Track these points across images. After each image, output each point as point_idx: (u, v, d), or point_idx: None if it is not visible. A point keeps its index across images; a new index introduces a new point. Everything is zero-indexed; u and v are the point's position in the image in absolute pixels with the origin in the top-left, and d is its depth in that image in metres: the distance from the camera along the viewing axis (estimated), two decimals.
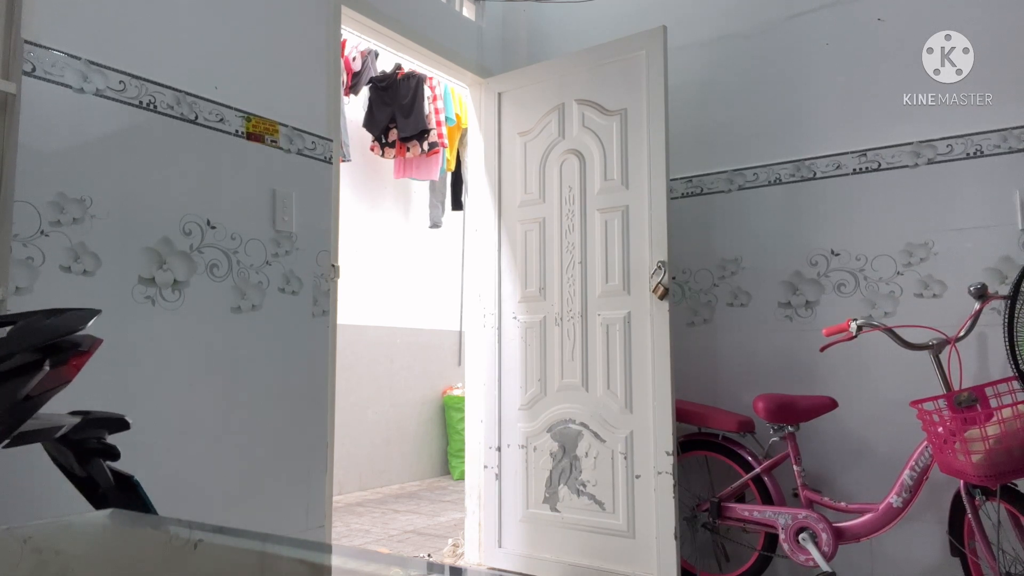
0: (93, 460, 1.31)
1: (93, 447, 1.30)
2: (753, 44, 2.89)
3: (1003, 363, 2.17)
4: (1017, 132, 2.39)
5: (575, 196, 2.92)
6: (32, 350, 1.14)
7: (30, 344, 1.15)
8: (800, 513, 2.39)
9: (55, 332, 1.20)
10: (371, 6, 2.72)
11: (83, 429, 1.27)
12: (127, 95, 1.94)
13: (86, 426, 1.28)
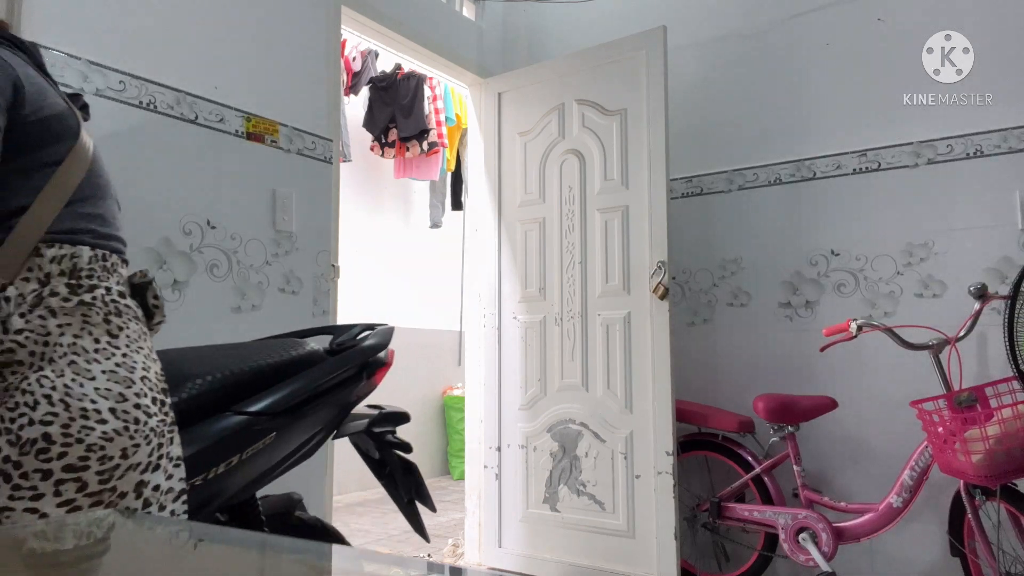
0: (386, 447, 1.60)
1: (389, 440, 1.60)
2: (753, 44, 2.89)
3: (1003, 363, 2.17)
4: (1017, 132, 2.39)
5: (575, 196, 2.92)
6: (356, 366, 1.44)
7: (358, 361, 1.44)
8: (800, 513, 2.39)
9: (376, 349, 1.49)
10: (371, 6, 2.72)
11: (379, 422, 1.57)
12: (127, 95, 1.94)
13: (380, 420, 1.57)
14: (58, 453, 0.88)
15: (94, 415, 0.91)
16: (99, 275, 1.00)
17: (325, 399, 1.39)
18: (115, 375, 0.94)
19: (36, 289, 0.93)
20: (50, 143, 0.98)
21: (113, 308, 0.99)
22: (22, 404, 0.88)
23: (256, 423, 1.26)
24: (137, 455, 0.94)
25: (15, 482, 0.86)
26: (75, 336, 0.94)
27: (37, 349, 0.91)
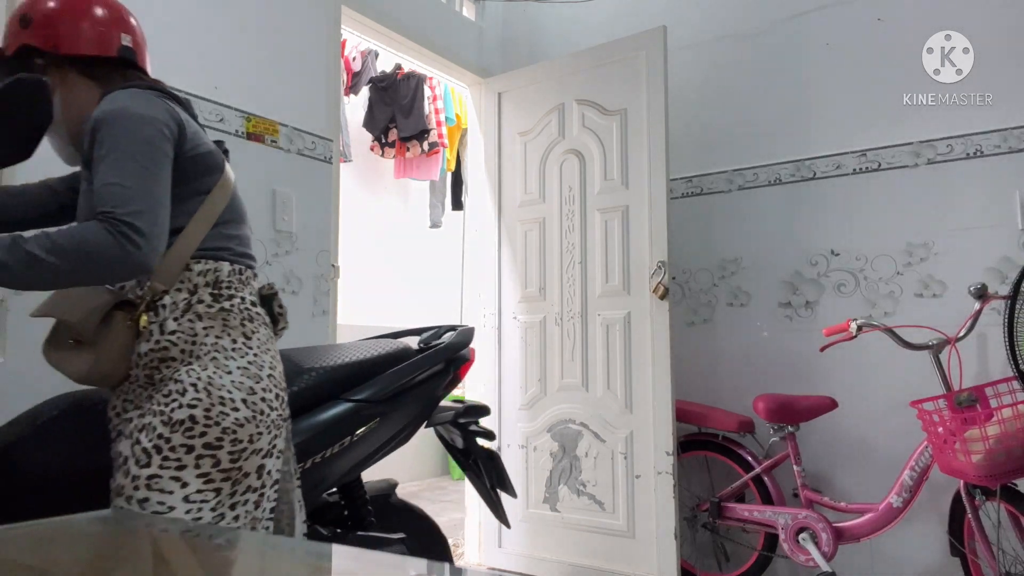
0: (471, 437, 1.74)
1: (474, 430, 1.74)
2: (753, 44, 2.89)
3: (1003, 363, 2.17)
4: (1017, 132, 2.39)
5: (575, 196, 2.92)
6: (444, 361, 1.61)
7: (445, 357, 1.61)
8: (800, 513, 2.39)
9: (460, 347, 1.66)
10: (371, 6, 2.72)
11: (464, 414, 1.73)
12: None
13: (465, 411, 1.74)
14: (200, 432, 1.05)
15: (229, 403, 1.08)
16: (236, 286, 1.18)
17: (418, 390, 1.56)
18: (247, 371, 1.12)
19: (186, 298, 1.12)
20: (202, 175, 1.17)
21: (247, 314, 1.17)
22: (174, 392, 1.07)
23: (363, 409, 1.45)
24: (260, 442, 1.11)
25: (164, 454, 1.04)
26: (216, 337, 1.12)
27: (186, 347, 1.10)
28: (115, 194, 1.03)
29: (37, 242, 0.99)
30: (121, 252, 1.00)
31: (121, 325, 1.09)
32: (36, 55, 1.18)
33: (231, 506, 1.08)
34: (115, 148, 1.05)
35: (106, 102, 1.11)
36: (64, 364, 1.09)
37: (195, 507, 1.04)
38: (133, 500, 1.04)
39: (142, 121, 1.08)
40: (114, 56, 1.21)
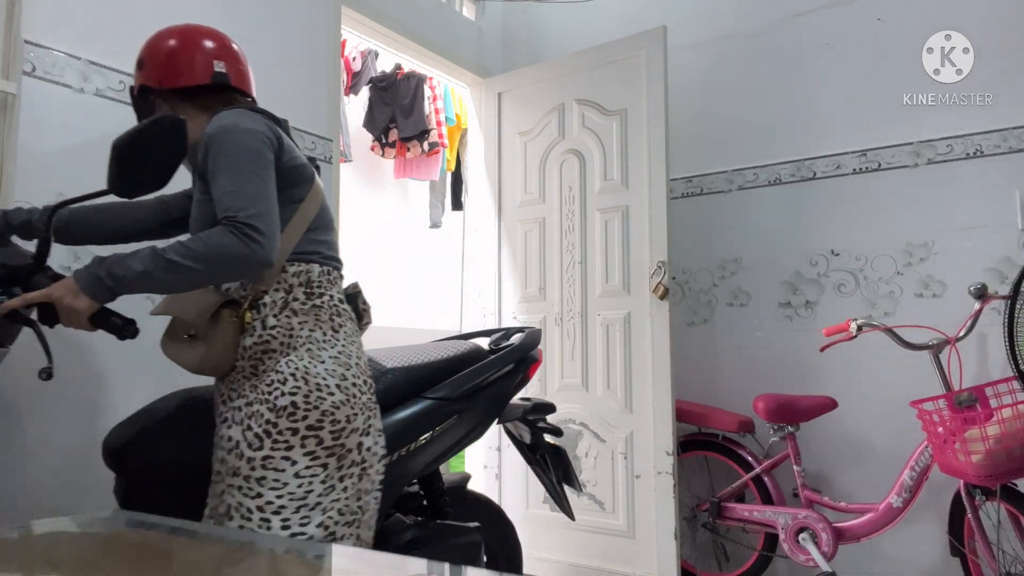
0: (539, 433, 1.85)
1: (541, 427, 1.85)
2: (753, 44, 2.89)
3: (1003, 363, 2.17)
4: (1017, 132, 2.39)
5: (575, 196, 2.92)
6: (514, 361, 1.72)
7: (516, 357, 1.73)
8: (800, 513, 2.39)
9: (529, 348, 1.78)
10: (371, 6, 2.71)
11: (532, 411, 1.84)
12: (127, 95, 1.94)
13: (533, 409, 1.84)
14: (302, 416, 1.18)
15: (325, 388, 1.21)
16: (325, 286, 1.31)
17: (491, 389, 1.68)
18: (338, 360, 1.25)
19: (283, 296, 1.25)
20: (295, 185, 1.29)
21: (335, 310, 1.30)
22: (276, 381, 1.20)
23: (443, 406, 1.58)
24: (356, 421, 1.24)
25: (274, 437, 1.17)
26: (310, 330, 1.25)
27: (285, 340, 1.23)
28: (234, 200, 1.15)
29: (174, 250, 1.12)
30: (247, 250, 1.12)
31: (228, 321, 1.22)
32: (150, 92, 1.36)
33: (339, 479, 1.21)
34: (227, 159, 1.19)
35: (214, 121, 1.25)
36: (179, 356, 1.24)
37: (305, 481, 1.17)
38: (252, 479, 1.16)
39: (247, 134, 1.22)
40: (209, 83, 1.36)
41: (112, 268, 1.13)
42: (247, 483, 1.17)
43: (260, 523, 1.14)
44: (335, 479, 1.21)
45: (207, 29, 1.44)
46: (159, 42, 1.39)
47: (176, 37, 1.41)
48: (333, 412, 1.21)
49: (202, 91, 1.36)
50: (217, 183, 1.18)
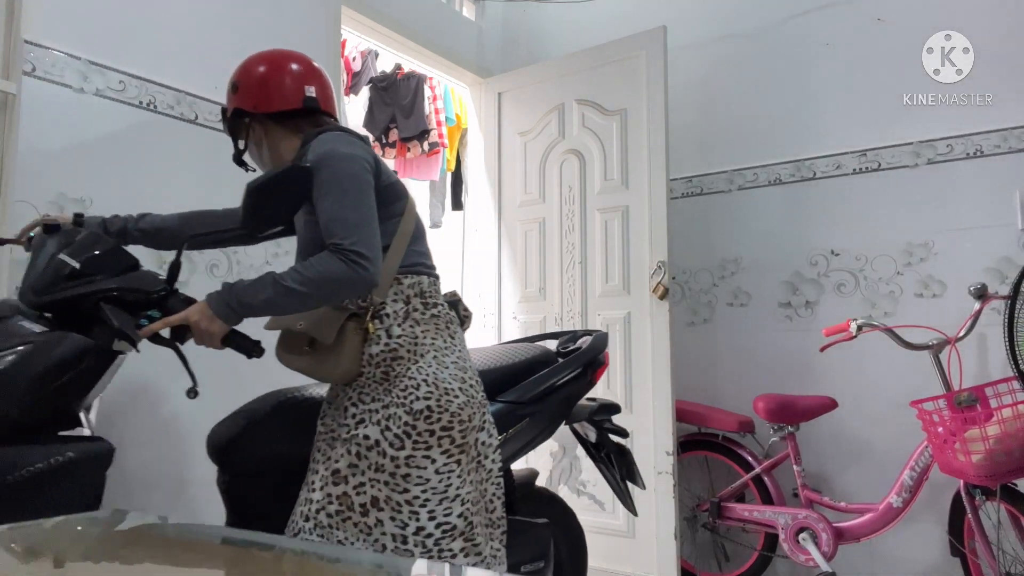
0: (604, 433, 1.90)
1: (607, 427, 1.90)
2: (753, 44, 2.89)
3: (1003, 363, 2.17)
4: (1017, 132, 2.39)
5: (575, 196, 2.92)
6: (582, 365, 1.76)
7: (583, 361, 1.77)
8: (800, 513, 2.38)
9: (597, 352, 1.83)
10: (371, 6, 2.71)
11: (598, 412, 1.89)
12: (127, 95, 1.94)
13: (599, 409, 1.90)
14: (436, 418, 1.29)
15: (452, 392, 1.32)
16: (434, 295, 1.41)
17: (560, 392, 1.73)
18: (458, 364, 1.37)
19: (403, 307, 1.35)
20: (394, 201, 1.38)
21: (448, 318, 1.42)
22: (409, 387, 1.30)
23: (515, 409, 1.65)
24: (476, 420, 1.36)
25: (413, 438, 1.28)
26: (432, 338, 1.36)
27: (411, 347, 1.33)
28: (339, 227, 1.24)
29: (291, 278, 1.23)
30: (354, 274, 1.22)
31: (353, 333, 1.31)
32: (244, 115, 1.45)
33: (468, 472, 1.33)
34: (331, 185, 1.27)
35: (315, 147, 1.33)
36: (310, 368, 1.33)
37: (444, 476, 1.29)
38: (398, 476, 1.28)
39: (348, 159, 1.30)
40: (300, 107, 1.42)
41: (240, 296, 1.24)
42: (393, 479, 1.28)
43: (409, 515, 1.27)
44: (466, 473, 1.33)
45: (297, 55, 1.49)
46: (253, 68, 1.46)
47: (269, 63, 1.46)
48: (460, 412, 1.32)
49: (293, 115, 1.43)
50: (322, 208, 1.27)
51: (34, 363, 1.20)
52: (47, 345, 1.23)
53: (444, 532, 1.28)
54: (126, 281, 1.30)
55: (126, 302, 1.28)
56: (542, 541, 1.67)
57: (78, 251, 1.32)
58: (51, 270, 1.31)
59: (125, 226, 1.54)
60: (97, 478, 1.28)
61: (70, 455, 1.22)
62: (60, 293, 1.28)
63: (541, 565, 1.64)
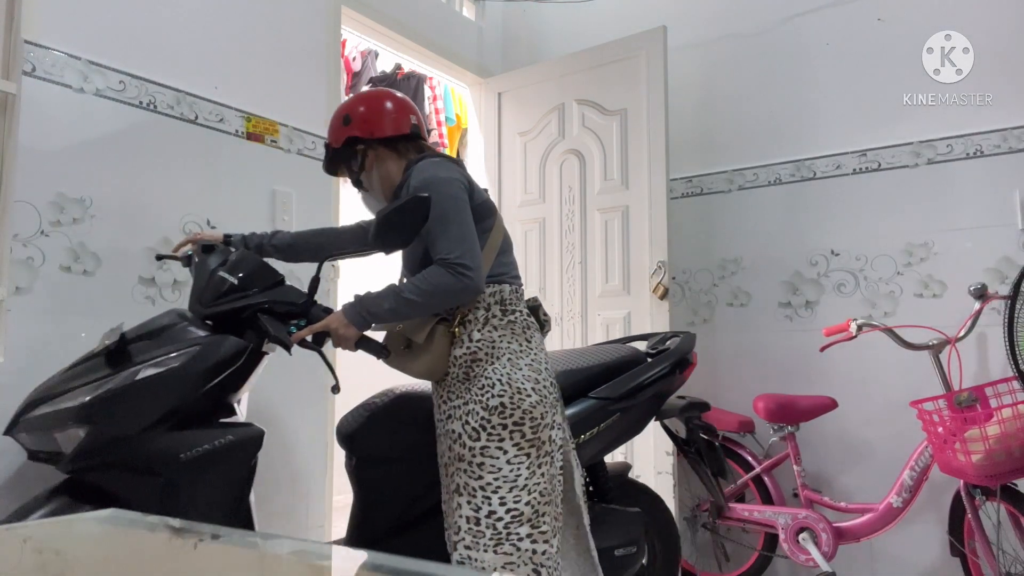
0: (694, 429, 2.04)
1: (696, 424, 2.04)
2: (753, 44, 2.89)
3: (1003, 363, 2.17)
4: (1017, 132, 2.39)
5: (575, 196, 2.92)
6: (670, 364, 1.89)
7: (672, 360, 1.89)
8: (800, 513, 2.39)
9: (685, 352, 1.94)
10: (371, 6, 2.72)
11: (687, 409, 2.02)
12: (127, 95, 1.94)
13: (688, 407, 2.02)
14: (509, 414, 1.44)
15: (524, 391, 1.45)
16: (515, 302, 1.55)
17: (650, 389, 1.85)
18: (532, 366, 1.50)
19: (484, 314, 1.50)
20: (484, 218, 1.54)
21: (526, 324, 1.55)
22: (486, 386, 1.45)
23: (607, 405, 1.79)
24: (547, 417, 1.48)
25: (488, 431, 1.43)
26: (508, 342, 1.50)
27: (489, 351, 1.48)
28: (444, 244, 1.42)
29: (409, 290, 1.42)
30: (462, 284, 1.40)
31: (442, 336, 1.48)
32: (357, 143, 1.63)
33: (539, 465, 1.45)
34: (435, 208, 1.43)
35: (416, 173, 1.50)
36: (404, 366, 1.51)
37: (515, 467, 1.43)
38: (474, 464, 1.44)
39: (447, 183, 1.47)
40: (408, 133, 1.63)
41: (369, 306, 1.45)
42: (470, 467, 1.44)
43: (482, 500, 1.42)
44: (536, 465, 1.45)
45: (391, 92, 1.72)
46: (367, 102, 1.67)
47: (376, 96, 1.70)
48: (531, 410, 1.45)
49: (400, 140, 1.63)
50: (429, 228, 1.44)
51: (201, 361, 1.44)
52: (211, 346, 1.46)
53: (512, 517, 1.41)
54: (277, 295, 1.55)
55: (277, 312, 1.52)
56: (634, 528, 1.78)
57: (234, 269, 1.56)
58: (213, 285, 1.54)
59: (261, 242, 1.80)
60: (251, 457, 1.51)
61: (230, 438, 1.46)
62: (224, 305, 1.51)
63: (633, 550, 1.75)
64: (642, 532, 1.80)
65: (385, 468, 1.70)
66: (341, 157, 1.68)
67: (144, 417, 1.37)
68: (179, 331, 1.49)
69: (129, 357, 1.42)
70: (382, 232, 1.44)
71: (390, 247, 1.49)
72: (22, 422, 1.40)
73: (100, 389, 1.36)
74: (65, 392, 1.39)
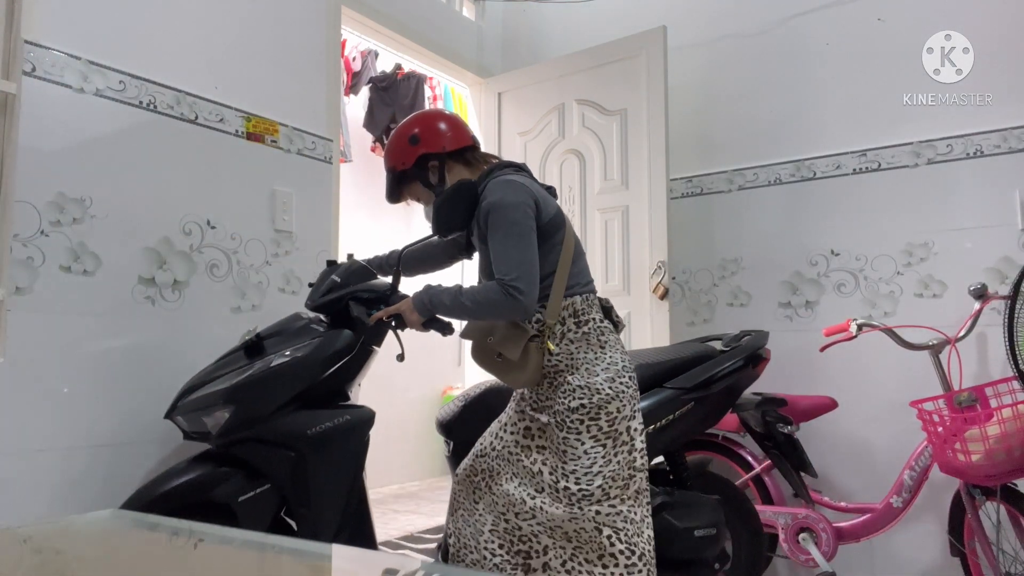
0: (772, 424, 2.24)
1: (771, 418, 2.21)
2: (753, 44, 2.89)
3: (1003, 363, 2.17)
4: (1017, 132, 2.39)
5: (575, 196, 2.92)
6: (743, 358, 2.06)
7: (745, 355, 2.05)
8: (800, 513, 2.38)
9: (757, 347, 2.09)
10: (371, 6, 2.72)
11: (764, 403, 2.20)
12: (127, 95, 1.94)
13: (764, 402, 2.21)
14: (587, 412, 1.60)
15: (602, 391, 1.60)
16: (587, 311, 1.67)
17: (723, 382, 2.01)
18: (608, 370, 1.63)
19: (561, 328, 1.64)
20: (555, 232, 1.66)
21: (598, 330, 1.67)
22: (568, 391, 1.62)
23: (681, 395, 1.97)
24: (624, 411, 1.62)
25: (568, 426, 1.61)
26: (584, 353, 1.64)
27: (568, 362, 1.63)
28: (502, 266, 1.57)
29: (467, 295, 1.61)
30: (511, 304, 1.55)
31: (535, 351, 1.62)
32: (430, 159, 1.75)
33: (614, 454, 1.60)
34: (498, 230, 1.60)
35: (487, 192, 1.64)
36: (502, 376, 1.66)
37: (590, 456, 1.59)
38: (558, 452, 1.62)
39: (512, 207, 1.60)
40: (470, 144, 1.78)
41: (433, 298, 1.65)
42: (554, 455, 1.63)
43: (561, 475, 1.60)
44: (611, 455, 1.60)
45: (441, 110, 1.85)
46: (427, 120, 1.80)
47: (435, 114, 1.90)
48: (606, 406, 1.60)
49: (468, 150, 1.78)
50: (492, 247, 1.60)
51: (321, 351, 1.69)
52: (330, 338, 1.72)
53: (584, 495, 1.57)
54: (362, 286, 1.78)
55: (365, 300, 1.75)
56: (713, 512, 1.89)
57: (341, 272, 1.81)
58: (323, 285, 1.79)
59: (381, 263, 1.97)
60: (365, 436, 1.74)
61: (347, 418, 1.70)
62: (323, 298, 1.76)
63: (713, 532, 1.86)
64: (721, 517, 1.90)
65: None
66: (412, 177, 1.79)
67: (277, 399, 1.62)
68: (302, 328, 1.76)
69: (263, 350, 1.69)
70: (440, 217, 1.66)
71: (445, 230, 1.69)
72: (179, 407, 1.65)
73: (241, 376, 1.62)
74: (212, 380, 1.65)
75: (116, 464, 1.85)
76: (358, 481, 1.74)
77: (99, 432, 1.83)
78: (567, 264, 1.66)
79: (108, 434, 1.84)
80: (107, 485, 1.82)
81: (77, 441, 1.78)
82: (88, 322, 1.81)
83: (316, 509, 1.63)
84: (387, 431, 4.80)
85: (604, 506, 1.59)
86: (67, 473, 1.76)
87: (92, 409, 1.82)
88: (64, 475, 1.76)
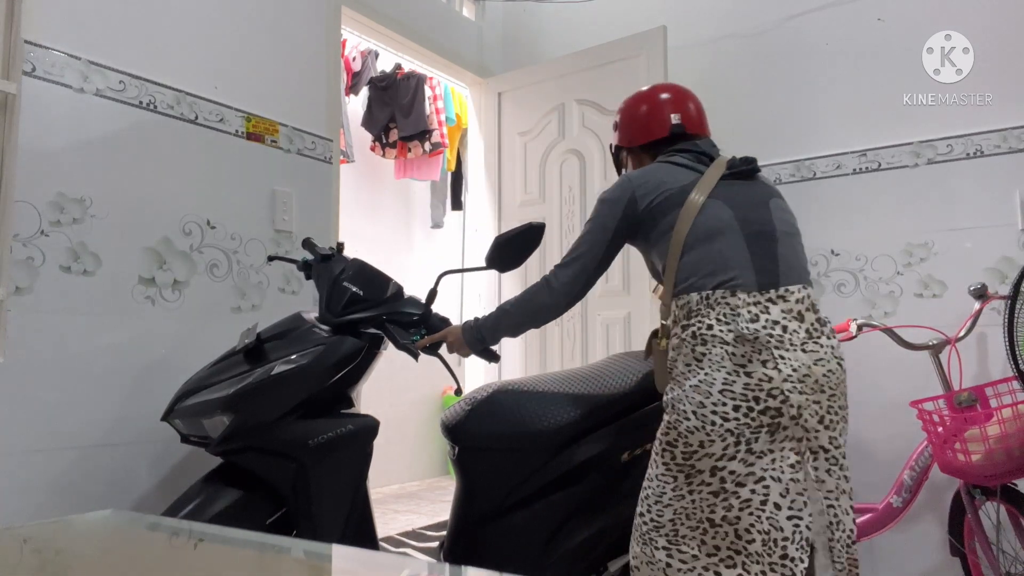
0: None
1: None
2: (753, 44, 2.89)
3: (1003, 363, 2.17)
4: (1017, 132, 2.39)
5: (575, 196, 2.92)
6: None
7: None
8: None
9: None
10: (371, 6, 2.72)
11: None
12: (127, 95, 1.94)
13: None
14: (665, 432, 1.42)
15: (683, 414, 1.38)
16: (700, 313, 1.41)
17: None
18: (698, 388, 1.37)
19: (672, 328, 1.47)
20: (666, 214, 1.48)
21: (700, 339, 1.39)
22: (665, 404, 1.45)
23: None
24: (712, 448, 1.34)
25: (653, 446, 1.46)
26: (679, 362, 1.43)
27: (672, 368, 1.46)
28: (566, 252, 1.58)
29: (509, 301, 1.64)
30: (540, 288, 1.56)
31: (656, 350, 1.52)
32: (622, 150, 1.73)
33: (688, 491, 1.39)
34: (586, 222, 1.59)
35: None
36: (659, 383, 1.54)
37: (660, 484, 1.42)
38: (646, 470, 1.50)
39: (600, 202, 1.57)
40: (668, 135, 1.64)
41: (482, 331, 1.65)
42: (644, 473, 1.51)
43: (640, 500, 1.46)
44: (684, 490, 1.40)
45: (668, 86, 1.74)
46: (631, 107, 1.72)
47: (641, 99, 1.72)
48: (687, 436, 1.37)
49: (662, 142, 1.65)
50: None
51: (326, 359, 1.60)
52: (334, 346, 1.62)
53: (655, 525, 1.42)
54: (400, 306, 1.72)
55: (398, 321, 1.69)
56: None
57: (355, 279, 1.71)
58: (338, 294, 1.69)
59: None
60: (368, 445, 1.68)
61: (350, 427, 1.63)
62: (354, 315, 1.67)
63: None
64: None
65: (484, 457, 1.79)
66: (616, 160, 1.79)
67: (279, 407, 1.56)
68: (304, 332, 1.67)
69: (264, 355, 1.61)
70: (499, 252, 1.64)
71: (503, 267, 1.67)
72: (176, 410, 1.60)
73: (242, 383, 1.55)
74: (211, 385, 1.59)
75: (116, 464, 1.85)
76: (361, 491, 1.69)
77: (99, 432, 1.83)
78: (677, 251, 1.45)
79: (108, 434, 1.84)
80: (107, 485, 1.82)
81: (77, 441, 1.78)
82: (88, 322, 1.81)
83: (318, 520, 1.60)
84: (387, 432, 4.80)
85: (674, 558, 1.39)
86: (67, 473, 1.76)
87: (92, 409, 1.82)
88: (64, 475, 1.76)
